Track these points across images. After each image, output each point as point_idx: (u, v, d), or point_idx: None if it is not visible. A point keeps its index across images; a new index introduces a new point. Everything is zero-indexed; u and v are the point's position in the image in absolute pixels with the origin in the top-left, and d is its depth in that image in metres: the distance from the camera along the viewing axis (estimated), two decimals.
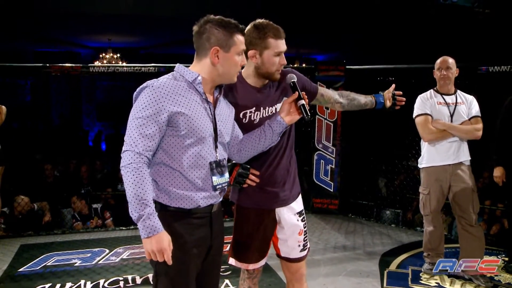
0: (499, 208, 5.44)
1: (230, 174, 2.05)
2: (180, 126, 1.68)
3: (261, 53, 2.00)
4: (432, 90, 3.47)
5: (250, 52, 2.00)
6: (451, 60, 3.38)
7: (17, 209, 5.09)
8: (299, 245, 2.23)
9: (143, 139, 1.65)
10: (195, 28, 1.78)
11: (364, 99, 2.39)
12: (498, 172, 3.53)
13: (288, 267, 2.28)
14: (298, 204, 2.24)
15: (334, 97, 2.33)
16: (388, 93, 2.41)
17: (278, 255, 2.29)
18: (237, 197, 2.20)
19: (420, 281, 3.43)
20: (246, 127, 2.05)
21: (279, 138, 2.03)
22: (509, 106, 3.52)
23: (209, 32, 1.74)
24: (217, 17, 1.77)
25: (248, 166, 2.08)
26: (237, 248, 2.22)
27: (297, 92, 1.98)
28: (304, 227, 2.25)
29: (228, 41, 1.75)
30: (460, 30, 8.94)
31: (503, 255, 3.96)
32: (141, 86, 1.73)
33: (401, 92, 2.43)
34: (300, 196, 2.27)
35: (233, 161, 2.08)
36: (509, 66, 4.43)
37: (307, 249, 2.28)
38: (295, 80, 2.02)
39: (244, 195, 2.16)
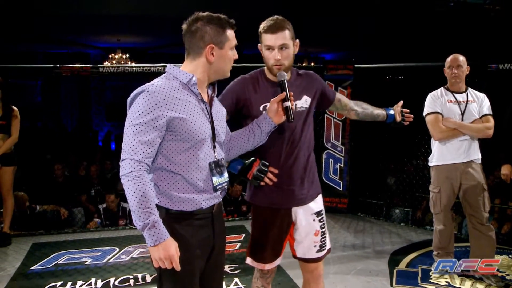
0: (510, 206, 5.40)
1: (248, 170, 2.06)
2: (179, 130, 1.66)
3: (261, 48, 2.10)
4: (442, 88, 3.45)
5: (259, 46, 2.11)
6: (461, 58, 3.35)
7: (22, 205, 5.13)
8: (315, 246, 2.22)
9: (142, 146, 1.61)
10: (184, 27, 1.74)
11: (376, 111, 2.44)
12: (505, 169, 3.49)
13: (305, 267, 2.28)
14: (317, 204, 2.23)
15: (350, 105, 2.39)
16: (397, 107, 2.47)
17: (294, 256, 2.28)
18: (254, 197, 2.19)
19: (430, 280, 3.41)
20: None
21: (267, 137, 2.02)
22: None
23: (202, 30, 1.71)
24: (206, 13, 1.74)
25: (267, 163, 2.08)
26: (254, 248, 2.22)
27: (284, 93, 1.98)
28: (322, 228, 2.24)
29: (222, 37, 1.73)
30: (471, 28, 8.87)
31: None
32: (135, 91, 1.68)
33: (408, 110, 2.50)
34: (320, 196, 2.26)
35: (252, 158, 2.09)
36: None
37: (325, 250, 2.27)
38: (284, 79, 2.01)
39: (260, 194, 2.16)
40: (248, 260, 2.25)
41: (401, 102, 2.50)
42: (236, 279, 3.44)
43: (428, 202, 3.60)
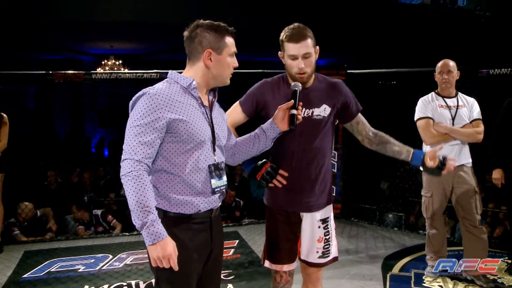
0: (502, 210, 5.44)
1: (258, 171, 2.12)
2: (180, 132, 1.69)
3: (282, 55, 2.12)
4: (433, 93, 3.49)
5: (280, 54, 2.13)
6: (452, 63, 3.39)
7: (21, 215, 5.08)
8: (317, 252, 2.24)
9: (142, 146, 1.65)
10: (185, 33, 1.80)
11: (398, 148, 2.19)
12: (497, 174, 3.53)
13: (305, 268, 2.31)
14: (324, 212, 2.24)
15: (366, 131, 2.24)
16: (433, 152, 2.10)
17: (299, 257, 2.31)
18: (266, 199, 2.26)
19: (423, 284, 3.43)
20: None
21: (272, 143, 2.06)
22: (507, 108, 3.53)
23: (200, 36, 1.76)
24: (207, 21, 1.80)
25: (277, 167, 2.13)
26: (270, 250, 2.26)
27: (293, 101, 1.99)
28: (326, 235, 2.24)
29: (220, 43, 1.77)
30: (461, 33, 8.96)
31: (507, 258, 3.96)
32: (137, 94, 1.74)
33: (455, 159, 2.18)
34: (330, 205, 2.26)
35: (264, 159, 2.14)
36: (509, 69, 4.43)
37: (328, 257, 2.27)
38: (298, 89, 2.02)
39: (272, 196, 2.22)
40: (266, 263, 2.28)
41: (442, 146, 2.18)
42: (230, 285, 3.44)
43: (421, 206, 3.62)
